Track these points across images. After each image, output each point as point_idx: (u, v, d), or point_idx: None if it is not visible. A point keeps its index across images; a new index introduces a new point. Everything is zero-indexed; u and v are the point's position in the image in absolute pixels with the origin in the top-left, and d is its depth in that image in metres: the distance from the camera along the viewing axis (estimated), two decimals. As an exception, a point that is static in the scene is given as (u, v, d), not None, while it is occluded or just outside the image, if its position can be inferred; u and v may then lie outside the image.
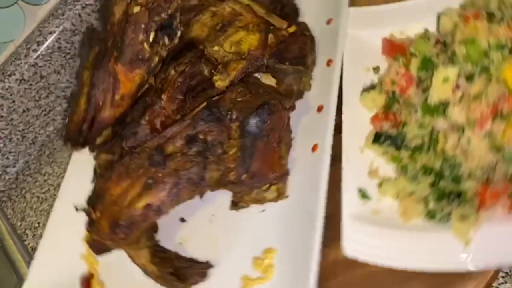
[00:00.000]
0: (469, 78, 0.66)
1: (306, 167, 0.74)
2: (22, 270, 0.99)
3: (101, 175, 0.77)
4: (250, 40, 0.75)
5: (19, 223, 1.07)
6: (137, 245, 0.77)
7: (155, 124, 0.75)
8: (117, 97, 0.79)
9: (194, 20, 0.79)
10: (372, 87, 0.75)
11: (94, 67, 0.82)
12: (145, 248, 0.78)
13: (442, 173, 0.66)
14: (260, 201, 0.75)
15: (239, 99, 0.72)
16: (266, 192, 0.74)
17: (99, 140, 0.81)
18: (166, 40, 0.80)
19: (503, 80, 0.63)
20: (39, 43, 1.08)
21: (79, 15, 1.09)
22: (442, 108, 0.66)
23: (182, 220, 0.82)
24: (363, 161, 0.71)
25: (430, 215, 0.65)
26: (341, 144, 0.71)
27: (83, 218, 0.78)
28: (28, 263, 0.99)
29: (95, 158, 0.81)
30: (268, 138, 0.71)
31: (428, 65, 0.70)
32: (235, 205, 0.79)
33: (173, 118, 0.75)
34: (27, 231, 1.05)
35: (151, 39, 0.79)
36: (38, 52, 1.08)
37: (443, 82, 0.66)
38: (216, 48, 0.76)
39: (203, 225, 0.79)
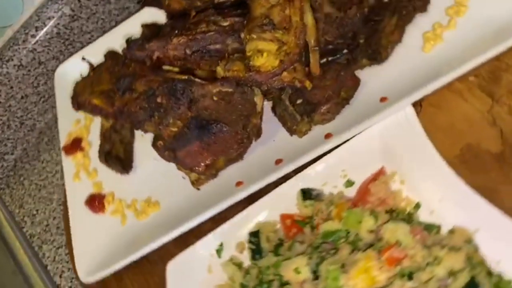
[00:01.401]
0: None
1: (223, 189, 0.78)
2: (20, 257, 0.99)
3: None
4: (267, 61, 0.70)
5: (17, 210, 1.08)
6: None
7: (152, 55, 0.79)
8: (167, 1, 0.85)
9: None
10: (315, 196, 0.72)
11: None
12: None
13: None
14: (181, 171, 0.81)
15: (215, 98, 0.74)
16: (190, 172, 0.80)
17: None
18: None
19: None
20: (37, 29, 1.07)
21: (78, 0, 1.08)
22: (284, 281, 0.65)
23: None
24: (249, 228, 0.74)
25: None
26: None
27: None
28: (26, 251, 0.99)
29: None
30: (207, 146, 0.75)
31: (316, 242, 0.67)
32: None
33: (170, 60, 0.79)
34: (25, 218, 1.05)
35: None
36: (37, 38, 1.07)
37: (294, 270, 0.64)
38: (247, 37, 0.72)
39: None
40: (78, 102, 0.88)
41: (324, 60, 0.78)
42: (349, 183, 0.72)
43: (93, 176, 0.93)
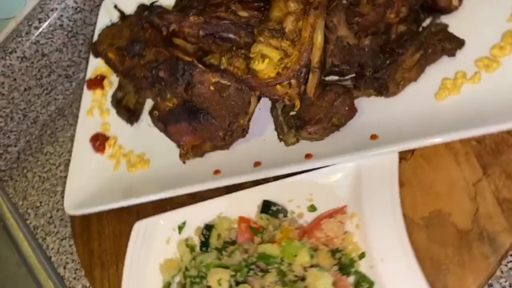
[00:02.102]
0: None
1: (204, 171, 0.81)
2: (24, 249, 0.99)
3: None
4: (266, 68, 0.69)
5: (20, 202, 1.08)
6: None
7: (169, 26, 0.80)
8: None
9: None
10: (272, 212, 0.73)
11: None
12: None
13: None
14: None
15: (211, 88, 0.74)
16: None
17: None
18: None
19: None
20: (40, 20, 1.07)
21: (82, -8, 1.08)
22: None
23: None
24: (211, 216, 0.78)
25: None
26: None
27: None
28: (30, 242, 0.99)
29: None
30: (195, 130, 0.77)
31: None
32: None
33: (184, 36, 0.80)
34: (29, 210, 1.06)
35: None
36: (40, 30, 1.08)
37: (217, 281, 0.67)
38: (257, 37, 0.71)
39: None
40: (97, 50, 0.90)
41: (329, 78, 0.76)
42: (312, 208, 0.72)
43: (104, 116, 0.98)
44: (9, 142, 1.14)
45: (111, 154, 0.94)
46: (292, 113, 0.75)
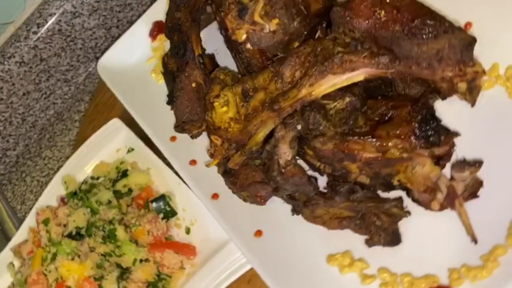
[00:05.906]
0: None
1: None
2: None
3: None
4: (218, 115, 0.70)
5: (19, 207, 1.11)
6: None
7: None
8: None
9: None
10: (157, 207, 0.82)
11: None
12: None
13: None
14: None
15: (193, 84, 0.80)
16: None
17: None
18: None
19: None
20: (39, 25, 1.10)
21: (80, -3, 1.09)
22: None
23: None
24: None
25: None
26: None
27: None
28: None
29: None
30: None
31: None
32: None
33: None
34: (27, 215, 1.06)
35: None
36: (38, 35, 1.10)
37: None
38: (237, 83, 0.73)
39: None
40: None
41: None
42: (187, 231, 0.83)
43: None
44: (8, 146, 1.17)
45: (156, 47, 0.99)
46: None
